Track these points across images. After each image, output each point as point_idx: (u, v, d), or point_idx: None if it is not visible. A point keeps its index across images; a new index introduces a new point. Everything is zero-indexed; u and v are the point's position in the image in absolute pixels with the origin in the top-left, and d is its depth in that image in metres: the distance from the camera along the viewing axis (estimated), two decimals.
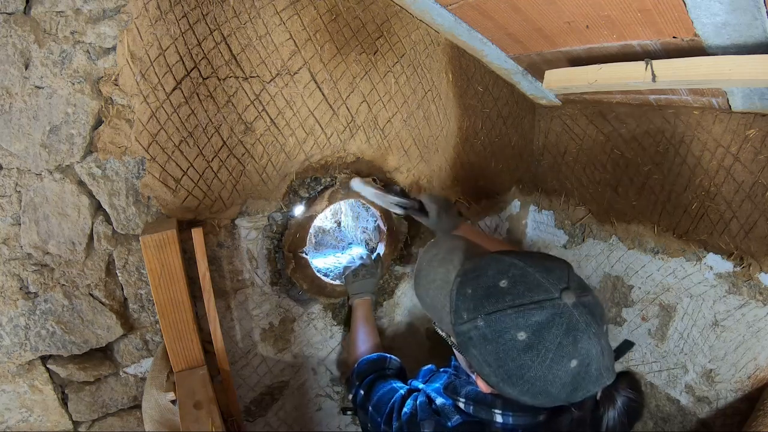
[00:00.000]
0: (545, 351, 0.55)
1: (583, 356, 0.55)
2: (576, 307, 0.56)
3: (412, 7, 1.08)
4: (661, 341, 1.27)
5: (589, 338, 0.55)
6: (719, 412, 1.16)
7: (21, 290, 0.86)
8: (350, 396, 0.94)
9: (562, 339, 0.54)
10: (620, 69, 0.89)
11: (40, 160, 0.82)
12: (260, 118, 0.99)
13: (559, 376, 0.55)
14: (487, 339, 0.58)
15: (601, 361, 0.56)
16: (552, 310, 0.55)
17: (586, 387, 0.57)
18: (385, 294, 1.35)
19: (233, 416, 0.98)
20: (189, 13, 0.87)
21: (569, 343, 0.55)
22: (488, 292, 0.60)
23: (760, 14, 0.64)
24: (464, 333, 0.61)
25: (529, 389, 0.57)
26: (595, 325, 0.56)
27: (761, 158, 0.98)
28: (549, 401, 0.58)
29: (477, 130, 1.36)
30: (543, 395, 0.57)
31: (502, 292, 0.58)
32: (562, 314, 0.55)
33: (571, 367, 0.55)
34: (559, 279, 0.58)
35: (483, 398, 0.68)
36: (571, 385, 0.56)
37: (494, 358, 0.58)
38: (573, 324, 0.55)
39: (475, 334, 0.60)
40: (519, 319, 0.56)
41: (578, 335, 0.55)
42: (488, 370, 0.60)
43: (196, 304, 0.99)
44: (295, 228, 1.11)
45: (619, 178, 1.29)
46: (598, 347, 0.56)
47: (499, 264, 0.62)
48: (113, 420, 1.03)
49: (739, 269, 1.07)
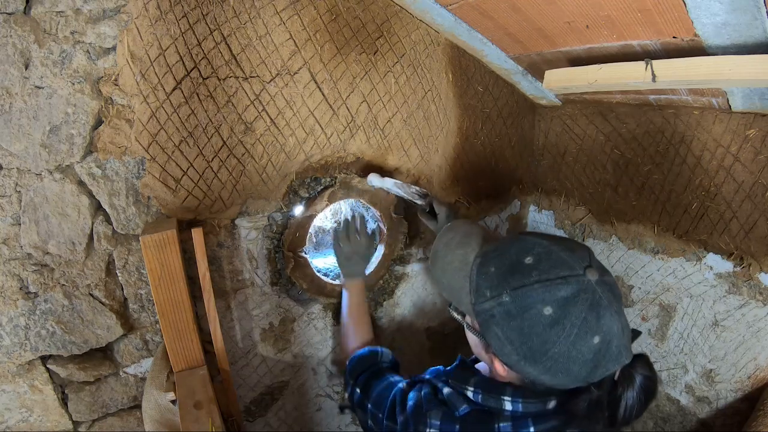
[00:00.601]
0: (570, 326, 0.55)
1: (605, 333, 0.56)
2: (599, 285, 0.57)
3: (412, 7, 1.08)
4: (661, 341, 1.27)
5: (611, 315, 0.56)
6: (719, 412, 1.16)
7: (21, 290, 0.86)
8: (346, 395, 0.93)
9: (587, 314, 0.55)
10: (620, 69, 0.89)
11: (40, 160, 0.82)
12: (260, 118, 0.99)
13: (582, 352, 0.56)
14: (511, 315, 0.58)
15: (621, 339, 0.57)
16: (577, 286, 0.56)
17: (606, 365, 0.57)
18: (385, 294, 1.35)
19: (233, 416, 0.98)
20: (189, 13, 0.87)
21: (593, 319, 0.55)
22: (513, 268, 0.60)
23: (760, 14, 0.64)
24: (486, 311, 0.61)
25: (551, 367, 0.57)
26: (616, 303, 0.57)
27: (761, 158, 0.98)
28: (568, 381, 0.59)
29: (477, 130, 1.36)
30: (564, 374, 0.57)
31: (528, 268, 0.59)
32: (586, 290, 0.56)
33: (594, 343, 0.55)
34: (582, 258, 0.59)
35: (492, 386, 0.68)
36: (592, 363, 0.56)
37: (518, 335, 0.58)
38: (596, 300, 0.56)
39: (498, 311, 0.60)
40: (546, 293, 0.56)
41: (601, 311, 0.56)
42: (510, 348, 0.60)
43: (196, 304, 0.99)
44: (294, 228, 1.11)
45: (619, 178, 1.29)
46: (618, 324, 0.57)
47: (523, 243, 0.63)
48: (113, 420, 1.03)
49: (739, 269, 1.07)
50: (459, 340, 1.58)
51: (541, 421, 0.66)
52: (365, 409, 0.85)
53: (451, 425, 0.69)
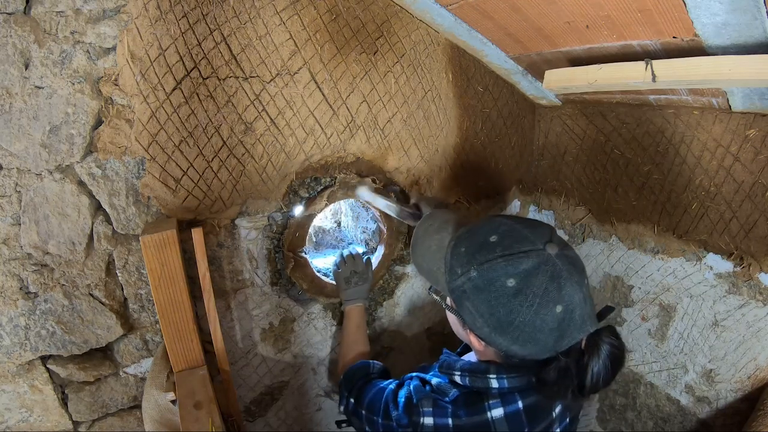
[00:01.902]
0: (532, 296, 0.59)
1: (567, 302, 0.59)
2: (559, 258, 0.61)
3: (412, 7, 1.08)
4: (661, 341, 1.27)
5: (572, 286, 0.60)
6: (719, 412, 1.16)
7: (21, 290, 0.86)
8: (341, 408, 0.94)
9: (548, 285, 0.59)
10: (620, 69, 0.89)
11: (40, 160, 0.82)
12: (260, 118, 0.99)
13: (546, 321, 0.59)
14: (479, 288, 0.63)
15: (584, 308, 0.61)
16: (537, 259, 0.60)
17: (571, 334, 0.60)
18: (385, 294, 1.35)
19: (233, 416, 0.98)
20: (189, 13, 0.87)
21: (554, 289, 0.59)
22: (480, 246, 0.65)
23: (760, 14, 0.64)
24: (459, 287, 0.66)
25: (519, 336, 0.61)
26: (577, 275, 0.61)
27: (761, 158, 0.98)
28: (537, 350, 0.62)
29: (477, 130, 1.36)
30: (532, 343, 0.61)
31: (493, 245, 0.64)
32: (546, 263, 0.60)
33: (557, 312, 0.59)
34: (543, 234, 0.64)
35: (477, 367, 0.72)
36: (558, 332, 0.60)
37: (486, 307, 0.62)
38: (557, 272, 0.60)
39: (468, 286, 0.64)
40: (508, 267, 0.61)
41: (562, 282, 0.59)
42: (481, 321, 0.64)
43: (196, 304, 0.99)
44: (294, 228, 1.11)
45: (619, 178, 1.29)
46: (580, 294, 0.60)
47: (490, 223, 0.68)
48: (113, 420, 1.03)
49: (739, 269, 1.07)
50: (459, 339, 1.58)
51: (528, 394, 0.69)
52: (360, 416, 0.87)
53: (442, 410, 0.71)
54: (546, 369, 0.63)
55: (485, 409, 0.69)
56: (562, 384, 0.62)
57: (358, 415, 0.87)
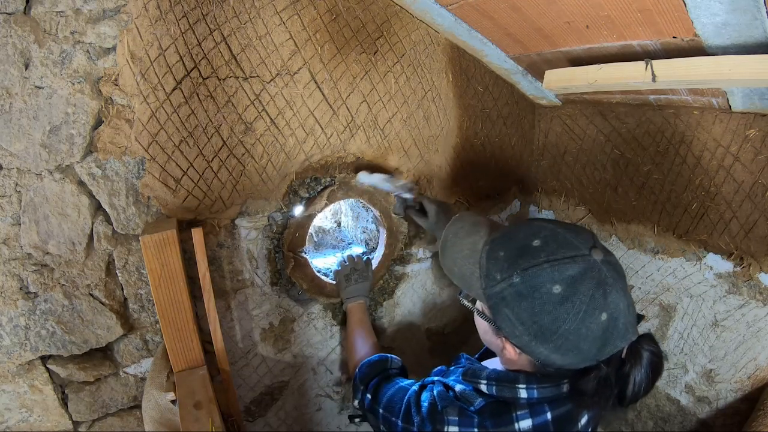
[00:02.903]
0: (579, 303, 0.57)
1: (612, 310, 0.57)
2: (604, 264, 0.59)
3: (412, 7, 1.09)
4: (661, 341, 1.27)
5: (617, 292, 0.58)
6: (719, 412, 1.16)
7: (21, 290, 0.86)
8: (356, 402, 0.92)
9: (594, 292, 0.57)
10: (620, 69, 0.89)
11: (40, 160, 0.82)
12: (260, 118, 0.99)
13: (591, 329, 0.57)
14: (522, 295, 0.60)
15: (628, 316, 0.59)
16: (584, 265, 0.58)
17: (614, 342, 0.59)
18: (385, 294, 1.35)
19: (233, 416, 0.98)
20: (189, 13, 0.87)
21: (600, 296, 0.57)
22: (522, 251, 0.62)
23: (760, 14, 0.64)
24: (497, 294, 0.63)
25: (561, 345, 0.58)
26: (621, 281, 0.60)
27: (761, 158, 0.98)
28: (578, 359, 0.60)
29: (477, 130, 1.36)
30: (574, 352, 0.59)
31: (536, 249, 0.61)
32: (592, 269, 0.58)
33: (602, 320, 0.57)
34: (587, 239, 0.62)
35: (505, 376, 0.70)
36: (601, 340, 0.58)
37: (529, 315, 0.60)
38: (603, 278, 0.58)
39: (509, 292, 0.61)
40: (554, 272, 0.58)
41: (608, 289, 0.58)
42: (521, 329, 0.61)
43: (196, 304, 0.99)
44: (294, 228, 1.11)
45: (619, 178, 1.29)
46: (624, 302, 0.59)
47: (530, 227, 0.66)
48: (113, 420, 1.03)
49: (739, 269, 1.07)
50: (459, 340, 1.59)
51: (557, 405, 0.67)
52: (376, 414, 0.85)
53: (469, 420, 0.69)
54: (585, 379, 0.61)
55: (513, 420, 0.67)
56: (602, 394, 0.61)
57: (375, 412, 0.85)
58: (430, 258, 1.41)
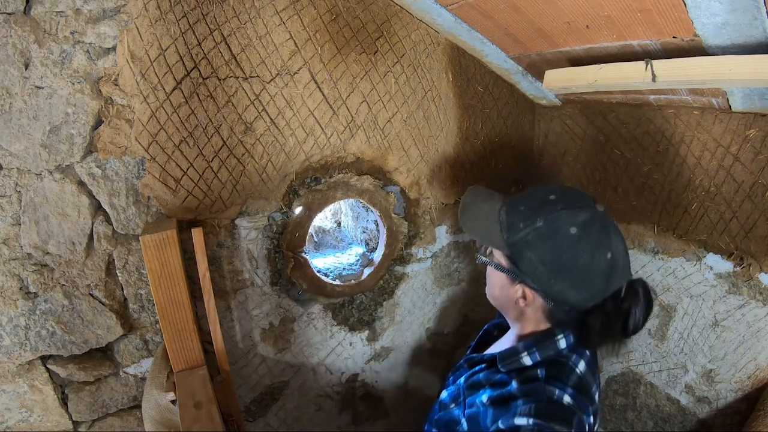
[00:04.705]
0: (590, 242, 0.67)
1: (614, 250, 0.68)
2: (605, 214, 0.71)
3: (412, 7, 1.08)
4: (661, 341, 1.27)
5: (617, 236, 0.69)
6: (719, 412, 1.16)
7: (21, 290, 0.86)
8: None
9: (601, 234, 0.68)
10: (620, 69, 0.89)
11: (40, 160, 0.82)
12: (260, 118, 0.99)
13: (600, 264, 0.67)
14: (544, 237, 0.70)
15: (625, 258, 0.70)
16: (591, 212, 0.69)
17: (616, 279, 0.68)
18: (385, 294, 1.35)
19: (233, 416, 0.98)
20: (189, 13, 0.87)
21: (605, 238, 0.68)
22: (542, 202, 0.72)
23: (760, 14, 0.64)
24: (521, 240, 0.72)
25: (577, 279, 0.68)
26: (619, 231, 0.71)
27: (761, 158, 0.98)
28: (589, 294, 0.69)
29: (477, 130, 1.36)
30: (587, 286, 0.68)
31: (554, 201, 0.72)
32: (597, 216, 0.69)
33: (608, 258, 0.67)
34: (589, 196, 0.74)
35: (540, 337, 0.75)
36: (607, 276, 0.67)
37: (551, 254, 0.69)
38: (606, 224, 0.69)
39: (532, 236, 0.71)
40: (570, 217, 0.69)
41: (610, 233, 0.69)
42: (542, 269, 0.70)
43: (196, 304, 0.99)
44: (294, 228, 1.11)
45: (619, 178, 1.29)
46: (622, 246, 0.70)
47: (543, 188, 0.77)
48: (113, 420, 1.03)
49: (739, 269, 1.07)
50: (459, 340, 1.59)
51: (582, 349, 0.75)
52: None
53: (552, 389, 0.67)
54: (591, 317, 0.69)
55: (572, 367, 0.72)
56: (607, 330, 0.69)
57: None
58: (430, 258, 1.41)
